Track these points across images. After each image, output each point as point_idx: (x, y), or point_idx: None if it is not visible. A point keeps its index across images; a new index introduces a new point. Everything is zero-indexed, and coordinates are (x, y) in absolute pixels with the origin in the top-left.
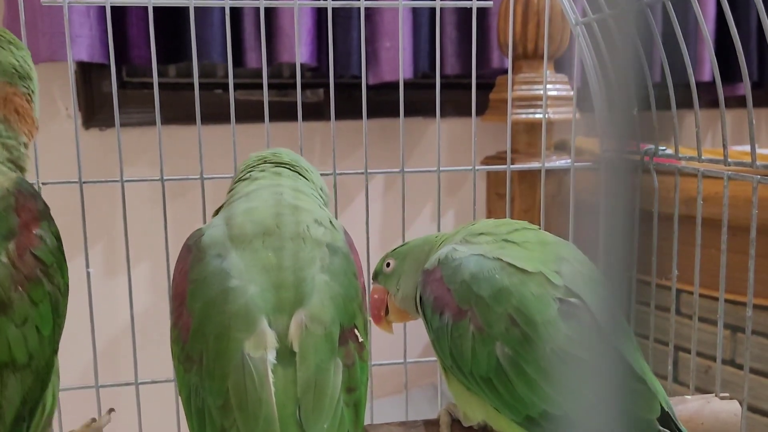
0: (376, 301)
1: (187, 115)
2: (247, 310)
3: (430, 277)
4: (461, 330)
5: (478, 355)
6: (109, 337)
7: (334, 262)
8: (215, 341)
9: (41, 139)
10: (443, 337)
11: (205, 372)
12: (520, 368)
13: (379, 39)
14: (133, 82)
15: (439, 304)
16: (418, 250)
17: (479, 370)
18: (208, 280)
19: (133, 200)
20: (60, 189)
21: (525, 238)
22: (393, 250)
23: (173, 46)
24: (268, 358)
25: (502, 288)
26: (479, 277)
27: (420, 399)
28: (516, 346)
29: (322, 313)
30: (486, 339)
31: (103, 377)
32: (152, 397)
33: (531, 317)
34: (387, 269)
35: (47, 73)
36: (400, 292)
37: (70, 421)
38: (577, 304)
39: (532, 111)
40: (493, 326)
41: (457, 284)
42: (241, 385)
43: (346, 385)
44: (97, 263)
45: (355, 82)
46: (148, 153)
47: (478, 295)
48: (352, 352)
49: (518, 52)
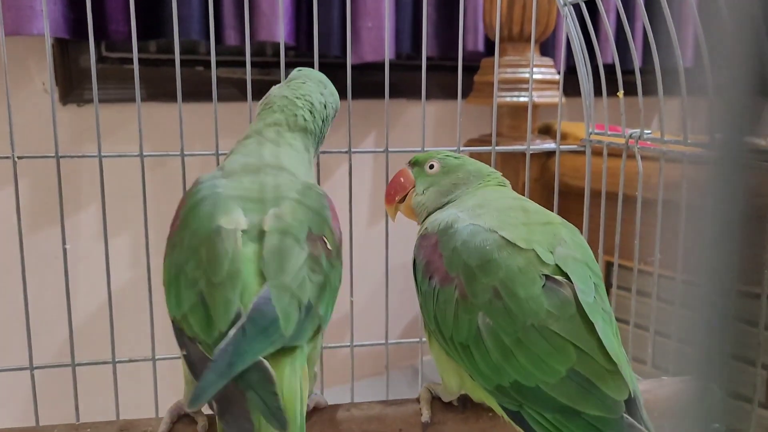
0: (398, 184)
1: (167, 92)
2: (226, 204)
3: (426, 242)
4: (447, 295)
5: (460, 321)
6: (86, 314)
7: (309, 195)
8: (196, 223)
9: (18, 113)
10: (429, 301)
11: (185, 247)
12: (498, 338)
13: (361, 18)
14: (112, 57)
15: (429, 268)
16: (462, 176)
17: (459, 336)
18: (199, 194)
19: (111, 177)
20: (36, 164)
21: (532, 219)
22: (446, 156)
23: (153, 21)
24: (239, 230)
25: (490, 260)
26: (470, 246)
27: (399, 381)
28: (497, 318)
29: (291, 213)
30: (469, 307)
31: (80, 355)
32: (130, 376)
33: (515, 291)
34: (429, 170)
35: (24, 47)
36: (423, 197)
37: (46, 400)
38: (562, 282)
39: (516, 94)
40: (477, 296)
41: (448, 251)
42: (212, 244)
43: (310, 265)
44: (74, 239)
45: (336, 62)
46: (127, 130)
47: (466, 264)
48: (320, 247)
49: (503, 34)
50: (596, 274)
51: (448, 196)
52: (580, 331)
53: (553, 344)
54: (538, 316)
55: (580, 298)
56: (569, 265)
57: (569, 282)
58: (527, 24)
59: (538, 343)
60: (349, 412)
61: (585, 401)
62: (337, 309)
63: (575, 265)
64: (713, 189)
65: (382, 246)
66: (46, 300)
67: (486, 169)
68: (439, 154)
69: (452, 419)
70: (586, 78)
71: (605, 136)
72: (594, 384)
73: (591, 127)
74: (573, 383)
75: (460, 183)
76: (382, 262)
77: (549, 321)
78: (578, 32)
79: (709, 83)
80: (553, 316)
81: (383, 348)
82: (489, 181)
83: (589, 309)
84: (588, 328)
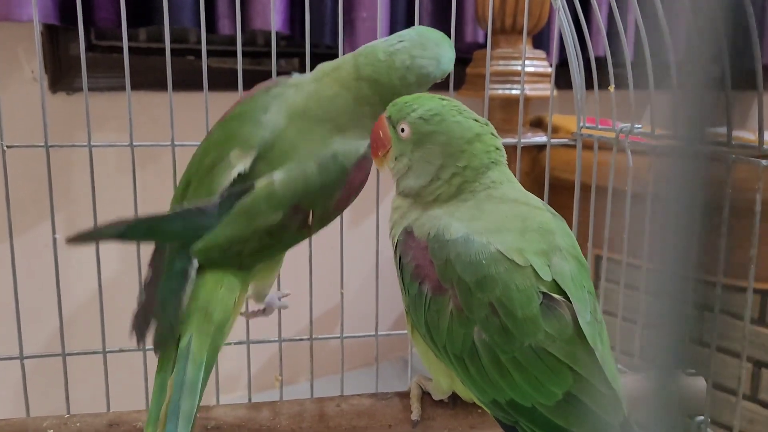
0: (378, 137)
1: (158, 81)
2: (246, 137)
3: (414, 243)
4: (440, 305)
5: (454, 333)
6: (77, 304)
7: (329, 163)
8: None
9: (6, 101)
10: (420, 307)
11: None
12: (494, 355)
13: (355, 9)
14: (102, 46)
15: (420, 273)
16: (435, 154)
17: (453, 348)
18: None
19: (101, 166)
20: (26, 153)
21: (529, 225)
22: (419, 118)
23: (144, 8)
24: (238, 166)
25: (487, 276)
26: (465, 259)
27: (389, 372)
28: (494, 335)
29: (284, 186)
30: (464, 321)
31: (71, 345)
32: (120, 366)
33: (512, 310)
34: (401, 133)
35: (12, 33)
36: (396, 168)
37: (36, 390)
38: (560, 302)
39: (508, 87)
40: (473, 311)
41: (441, 260)
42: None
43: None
44: (63, 229)
45: (329, 52)
46: (116, 119)
47: (461, 278)
48: (293, 218)
49: (496, 26)
50: (587, 279)
51: (421, 180)
52: (578, 354)
53: (551, 367)
54: (536, 337)
55: (579, 320)
56: (566, 282)
57: (567, 301)
58: (520, 16)
59: (535, 365)
60: (339, 407)
61: (581, 424)
62: (328, 301)
63: (571, 280)
64: (674, 179)
65: (372, 237)
66: (36, 289)
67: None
68: (415, 110)
69: (441, 415)
70: (578, 71)
71: (596, 130)
72: (590, 408)
73: (582, 120)
74: (570, 406)
75: (434, 167)
76: (373, 254)
77: (546, 342)
78: (570, 25)
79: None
80: (551, 337)
81: (373, 339)
82: (482, 174)
83: (588, 330)
84: (586, 351)
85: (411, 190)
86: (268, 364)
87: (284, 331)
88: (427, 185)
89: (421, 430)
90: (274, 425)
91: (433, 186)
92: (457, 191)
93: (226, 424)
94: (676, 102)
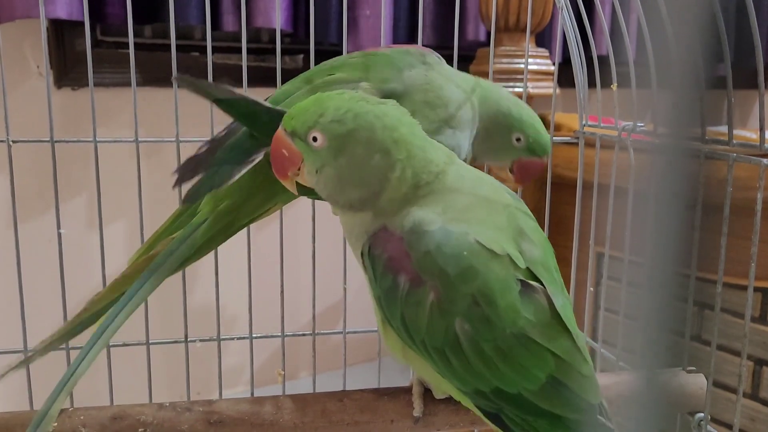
0: (282, 157)
1: (163, 77)
2: (382, 78)
3: (387, 236)
4: (418, 298)
5: (435, 326)
6: (81, 298)
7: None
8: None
9: (12, 96)
10: (394, 301)
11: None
12: (477, 346)
13: (359, 6)
14: (108, 42)
15: (394, 265)
16: (366, 154)
17: (434, 341)
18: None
19: (106, 162)
20: (31, 148)
21: (494, 210)
22: (331, 122)
23: (149, 5)
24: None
25: (468, 267)
26: (445, 251)
27: (392, 368)
28: (477, 325)
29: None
30: (446, 313)
31: (74, 339)
32: (123, 360)
33: (494, 300)
34: (313, 143)
35: (19, 30)
36: (321, 185)
37: (40, 383)
38: (536, 288)
39: (512, 85)
40: (455, 303)
41: (419, 253)
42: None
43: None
44: (69, 224)
45: (333, 49)
46: (121, 114)
47: (443, 270)
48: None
49: (500, 24)
50: (552, 257)
51: (364, 186)
52: (557, 337)
53: (533, 352)
54: (517, 324)
55: (554, 304)
56: (538, 268)
57: (542, 287)
58: (523, 14)
59: (518, 351)
60: (341, 402)
61: (565, 406)
62: (330, 296)
63: (540, 264)
64: (659, 176)
65: None
66: (40, 284)
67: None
68: (322, 114)
69: (443, 410)
70: (581, 69)
71: (598, 128)
72: (572, 390)
73: (584, 118)
74: (553, 389)
75: (372, 168)
76: None
77: (527, 329)
78: (573, 23)
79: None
80: (531, 323)
81: (376, 335)
82: (426, 158)
83: (563, 313)
84: (564, 334)
85: (357, 201)
86: (270, 359)
87: (287, 327)
88: (379, 191)
89: (423, 425)
90: (277, 420)
91: (388, 188)
92: (414, 183)
93: (228, 419)
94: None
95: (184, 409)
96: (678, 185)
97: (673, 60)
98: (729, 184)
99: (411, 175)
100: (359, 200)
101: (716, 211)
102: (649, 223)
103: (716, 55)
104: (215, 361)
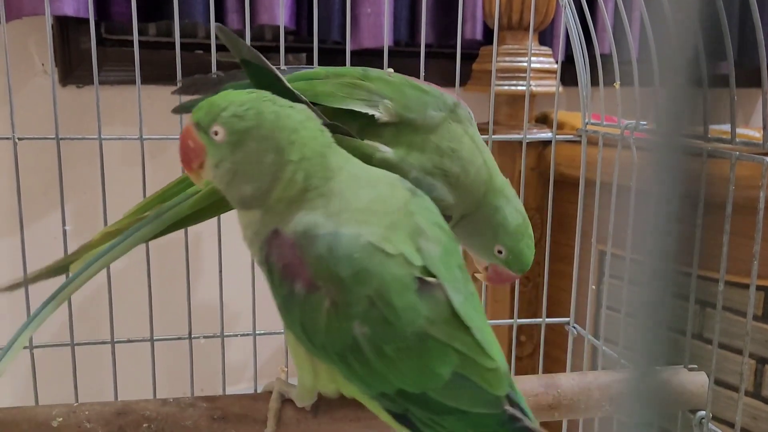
0: (188, 148)
1: (167, 75)
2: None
3: (280, 241)
4: (315, 304)
5: (333, 331)
6: (86, 295)
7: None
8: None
9: (17, 94)
10: (293, 308)
11: None
12: (378, 348)
13: (360, 4)
14: (112, 40)
15: (289, 272)
16: (261, 152)
17: (334, 346)
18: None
19: (111, 159)
20: (36, 145)
21: (390, 207)
22: (233, 116)
23: (154, 4)
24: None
25: (361, 269)
26: (338, 254)
27: None
28: (375, 327)
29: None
30: (343, 317)
31: (79, 335)
32: (128, 356)
33: (390, 300)
34: (214, 137)
35: (24, 28)
36: (218, 179)
37: (45, 379)
38: (434, 284)
39: (514, 83)
40: (351, 306)
41: (312, 257)
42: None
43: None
44: (73, 221)
45: (336, 47)
46: (126, 112)
47: (336, 274)
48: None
49: (503, 22)
50: (456, 251)
51: (255, 183)
52: (458, 333)
53: (435, 350)
54: (416, 323)
55: (452, 300)
56: (436, 265)
57: (440, 283)
58: (526, 12)
59: (419, 351)
60: (344, 398)
61: (470, 401)
62: None
63: (440, 260)
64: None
65: None
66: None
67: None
68: (225, 108)
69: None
70: (583, 68)
71: (601, 126)
72: (477, 384)
73: (587, 117)
74: (457, 386)
75: (266, 165)
76: None
77: (427, 327)
78: (576, 21)
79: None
80: (431, 320)
81: None
82: (322, 162)
83: (463, 309)
84: (463, 330)
85: (248, 198)
86: (273, 355)
87: None
88: (268, 189)
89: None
90: (280, 415)
91: (277, 188)
92: (305, 186)
93: (231, 415)
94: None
95: (188, 404)
96: (680, 184)
97: (676, 58)
98: (731, 183)
99: (302, 178)
100: (250, 197)
101: (718, 210)
102: (651, 221)
103: (719, 53)
104: (219, 357)
